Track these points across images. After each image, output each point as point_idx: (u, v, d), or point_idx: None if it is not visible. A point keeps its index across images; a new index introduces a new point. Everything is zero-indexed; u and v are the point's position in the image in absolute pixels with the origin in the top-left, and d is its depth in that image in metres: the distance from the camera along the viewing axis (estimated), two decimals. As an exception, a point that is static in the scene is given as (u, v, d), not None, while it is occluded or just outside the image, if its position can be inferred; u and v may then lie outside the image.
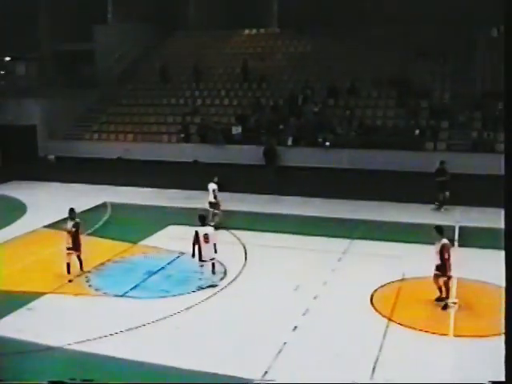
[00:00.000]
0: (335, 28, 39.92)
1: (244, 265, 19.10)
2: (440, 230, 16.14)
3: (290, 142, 33.25)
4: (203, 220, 17.81)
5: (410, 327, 14.54)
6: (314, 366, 12.64)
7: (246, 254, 20.19)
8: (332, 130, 33.49)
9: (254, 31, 46.01)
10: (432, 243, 16.59)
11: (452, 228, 22.25)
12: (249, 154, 32.56)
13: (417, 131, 32.30)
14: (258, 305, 15.93)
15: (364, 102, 35.79)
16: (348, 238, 21.88)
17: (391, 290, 16.91)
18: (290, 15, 43.21)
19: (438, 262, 15.77)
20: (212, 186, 23.80)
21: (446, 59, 37.69)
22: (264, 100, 37.39)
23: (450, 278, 15.82)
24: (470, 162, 28.34)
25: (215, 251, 17.28)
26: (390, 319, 14.93)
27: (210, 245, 17.18)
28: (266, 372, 12.32)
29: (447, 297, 15.86)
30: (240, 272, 18.45)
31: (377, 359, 12.83)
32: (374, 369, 12.42)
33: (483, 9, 36.51)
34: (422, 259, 18.45)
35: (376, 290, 16.74)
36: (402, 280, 17.55)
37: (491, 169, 28.45)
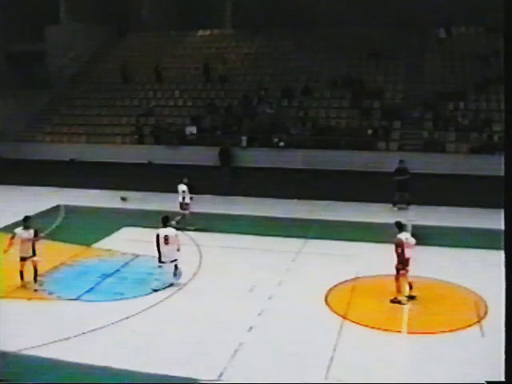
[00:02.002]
0: (289, 29, 40.20)
1: (199, 266, 19.09)
2: (399, 226, 16.43)
3: (244, 143, 33.32)
4: (165, 221, 17.76)
5: (365, 325, 14.72)
6: (269, 366, 12.71)
7: (200, 255, 20.17)
8: (286, 130, 33.66)
9: (208, 32, 45.96)
10: (385, 242, 16.88)
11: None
12: (204, 155, 32.51)
13: (369, 131, 32.69)
14: (214, 306, 15.93)
15: (318, 102, 36.06)
16: (302, 237, 22.05)
17: (345, 288, 17.11)
18: (244, 16, 43.27)
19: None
20: (182, 188, 23.76)
21: (398, 60, 38.26)
22: (218, 101, 37.40)
23: (401, 273, 16.11)
24: (421, 161, 28.76)
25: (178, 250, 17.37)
26: (344, 318, 15.09)
27: (171, 247, 17.17)
28: (221, 373, 12.35)
29: (399, 291, 16.13)
30: (195, 273, 18.44)
31: (331, 358, 12.96)
32: (328, 368, 12.54)
33: (433, 10, 37.23)
34: (375, 258, 18.81)
35: (330, 289, 16.90)
36: (356, 279, 17.77)
37: (442, 168, 29.13)
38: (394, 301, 15.99)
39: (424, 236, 21.05)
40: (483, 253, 20.22)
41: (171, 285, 17.27)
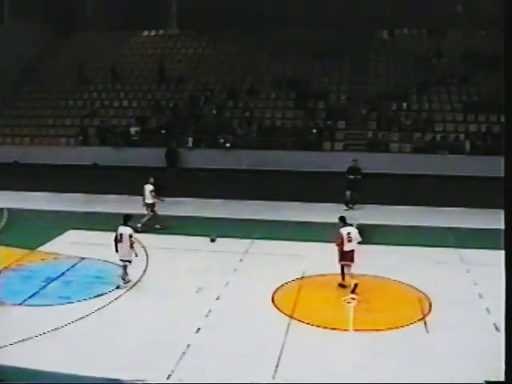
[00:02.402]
0: (234, 29, 40.26)
1: (145, 268, 18.95)
2: (343, 220, 16.69)
3: (190, 144, 33.28)
4: (125, 220, 17.67)
5: (311, 324, 14.87)
6: (217, 366, 12.72)
7: (147, 257, 20.03)
8: (232, 131, 33.75)
9: (154, 32, 45.70)
10: (331, 241, 17.10)
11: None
12: (149, 157, 32.35)
13: (314, 131, 33.02)
14: (161, 307, 15.86)
15: (263, 103, 36.26)
16: (249, 238, 22.11)
17: (292, 288, 17.23)
18: (190, 17, 43.18)
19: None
20: (148, 188, 23.61)
21: (343, 61, 38.73)
22: (164, 102, 37.26)
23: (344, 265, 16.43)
24: (365, 161, 29.10)
25: (136, 255, 17.38)
26: (291, 317, 15.20)
27: (123, 245, 17.16)
28: (169, 375, 12.32)
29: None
30: (141, 276, 18.31)
31: (279, 358, 13.04)
32: (276, 367, 12.62)
33: (376, 12, 37.79)
34: (321, 257, 18.97)
35: (277, 289, 17.00)
36: (303, 278, 17.91)
37: (387, 168, 29.62)
38: (342, 285, 16.48)
39: (370, 235, 21.41)
40: (428, 251, 20.65)
41: (118, 287, 17.14)
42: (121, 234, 17.23)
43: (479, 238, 22.48)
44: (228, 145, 32.48)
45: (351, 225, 17.41)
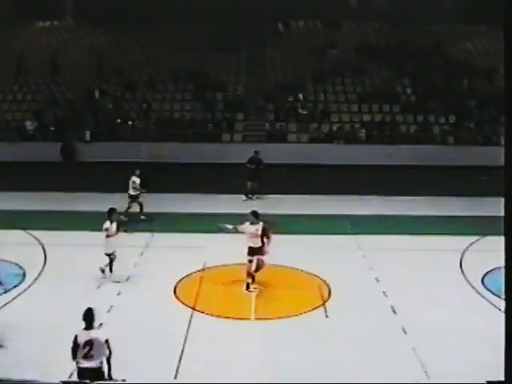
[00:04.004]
0: (131, 21, 39.69)
1: (43, 266, 18.52)
2: (256, 215, 16.73)
3: (87, 137, 32.67)
4: (108, 214, 17.76)
5: (214, 315, 14.97)
6: (121, 362, 12.57)
7: (45, 254, 19.57)
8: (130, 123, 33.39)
9: (49, 24, 44.42)
10: (232, 232, 17.22)
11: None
12: (45, 151, 31.56)
13: (210, 125, 33.13)
14: (61, 306, 15.50)
15: (161, 95, 36.01)
16: (149, 231, 21.96)
17: (193, 280, 17.26)
18: (85, 8, 42.25)
19: (255, 245, 16.34)
20: (136, 180, 23.42)
21: (240, 53, 38.95)
22: (60, 95, 36.36)
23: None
24: (264, 151, 29.37)
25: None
26: (194, 309, 15.24)
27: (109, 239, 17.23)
28: (71, 374, 12.12)
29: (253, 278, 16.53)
30: (40, 274, 17.88)
31: (183, 351, 13.07)
32: (180, 361, 12.65)
33: (273, 4, 38.23)
34: (222, 248, 19.07)
35: (179, 282, 16.99)
36: (204, 269, 17.97)
37: (284, 158, 30.06)
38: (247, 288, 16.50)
39: (270, 225, 21.68)
40: (326, 238, 21.13)
41: (14, 287, 16.67)
42: (106, 228, 17.31)
43: (374, 225, 23.20)
44: (126, 137, 32.16)
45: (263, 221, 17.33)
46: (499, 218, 23.11)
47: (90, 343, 10.57)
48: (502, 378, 7.30)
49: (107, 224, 17.48)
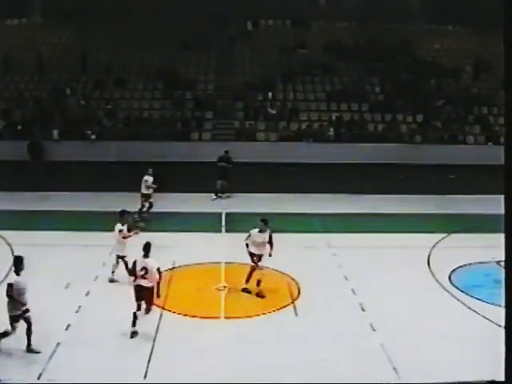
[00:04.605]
0: (100, 19, 39.34)
1: (11, 266, 18.28)
2: (266, 222, 16.72)
3: (55, 136, 32.36)
4: (120, 215, 17.69)
5: (184, 314, 14.95)
6: (90, 363, 12.54)
7: (12, 254, 19.32)
8: (98, 122, 33.14)
9: (16, 21, 43.85)
10: (202, 231, 17.20)
11: (219, 214, 23.27)
12: (12, 150, 31.15)
13: (178, 124, 33.06)
14: (28, 306, 15.35)
15: (130, 93, 35.81)
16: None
17: (163, 279, 17.17)
18: (54, 5, 41.77)
19: (259, 252, 16.34)
20: (145, 178, 23.23)
21: (209, 51, 38.92)
22: (27, 93, 35.95)
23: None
24: (233, 150, 29.35)
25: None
26: (163, 308, 15.18)
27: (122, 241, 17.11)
28: (40, 374, 12.03)
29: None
30: (6, 274, 17.65)
31: (152, 350, 13.04)
32: (149, 360, 12.61)
33: (241, 3, 38.21)
34: (191, 247, 19.05)
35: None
36: (173, 269, 17.91)
37: (253, 156, 30.08)
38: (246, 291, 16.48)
39: (239, 223, 21.72)
40: (296, 237, 21.17)
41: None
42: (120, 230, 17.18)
43: (343, 223, 23.33)
44: (94, 137, 31.86)
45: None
46: (466, 215, 23.52)
47: (145, 268, 13.76)
48: (470, 375, 7.43)
49: (119, 226, 17.26)
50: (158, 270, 13.84)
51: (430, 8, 41.63)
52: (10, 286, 13.13)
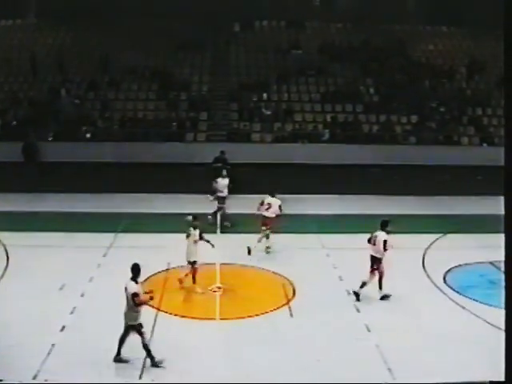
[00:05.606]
0: (95, 20, 39.27)
1: (6, 267, 18.29)
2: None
3: (50, 137, 32.29)
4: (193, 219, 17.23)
5: (179, 315, 14.95)
6: (84, 364, 12.53)
7: (7, 255, 19.33)
8: (93, 123, 33.08)
9: (11, 22, 43.73)
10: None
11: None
12: (6, 151, 31.02)
13: (173, 124, 33.01)
14: (23, 308, 15.33)
15: (125, 94, 35.73)
16: (112, 232, 21.82)
17: (158, 280, 17.21)
18: (49, 6, 41.68)
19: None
20: (225, 182, 23.57)
21: (204, 52, 38.92)
22: (22, 94, 35.86)
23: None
24: (228, 151, 29.28)
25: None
26: (158, 309, 15.19)
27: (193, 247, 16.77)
28: (35, 375, 12.02)
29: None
30: (2, 275, 17.68)
31: (148, 351, 13.01)
32: (144, 362, 12.60)
33: (237, 3, 38.27)
34: (185, 248, 19.01)
35: (143, 282, 16.85)
36: (168, 270, 17.92)
37: (248, 157, 30.04)
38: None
39: (236, 223, 21.78)
40: (291, 237, 21.21)
41: None
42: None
43: (338, 224, 23.37)
44: (88, 135, 31.83)
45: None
46: (460, 216, 23.60)
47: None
48: (465, 375, 7.45)
49: (192, 230, 17.00)
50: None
51: (424, 9, 41.68)
52: (135, 295, 12.70)
